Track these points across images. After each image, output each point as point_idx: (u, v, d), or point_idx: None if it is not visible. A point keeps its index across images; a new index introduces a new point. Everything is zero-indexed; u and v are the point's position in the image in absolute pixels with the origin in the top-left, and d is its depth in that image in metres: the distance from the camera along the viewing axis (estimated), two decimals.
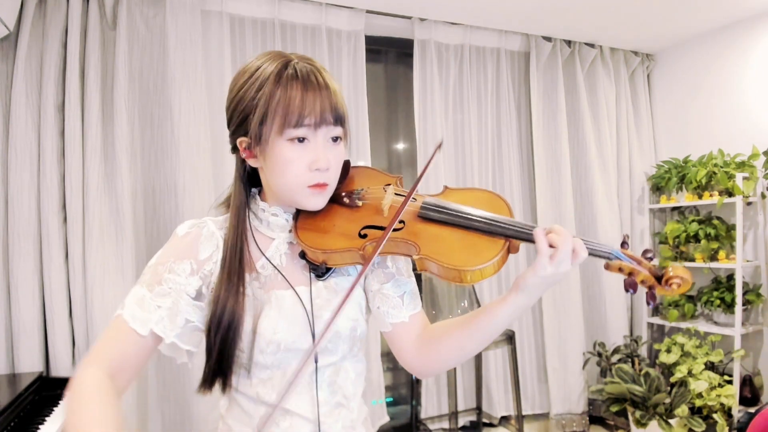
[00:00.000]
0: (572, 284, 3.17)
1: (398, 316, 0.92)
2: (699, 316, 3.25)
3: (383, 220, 0.87)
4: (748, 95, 3.07)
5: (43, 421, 1.65)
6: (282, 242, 0.91)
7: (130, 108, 2.26)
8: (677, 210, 3.39)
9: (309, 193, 0.85)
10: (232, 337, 0.82)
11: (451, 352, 0.89)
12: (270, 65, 0.83)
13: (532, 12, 2.87)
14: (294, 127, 0.81)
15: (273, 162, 0.83)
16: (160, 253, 0.85)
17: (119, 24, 2.22)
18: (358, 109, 2.79)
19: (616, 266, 0.81)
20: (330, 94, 0.83)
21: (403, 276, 0.95)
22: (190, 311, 0.82)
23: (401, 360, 0.96)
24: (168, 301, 0.80)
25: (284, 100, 0.80)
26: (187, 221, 0.89)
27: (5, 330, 2.04)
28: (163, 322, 0.79)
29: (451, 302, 2.78)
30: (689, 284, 0.78)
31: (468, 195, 0.91)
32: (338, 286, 0.91)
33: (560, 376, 3.15)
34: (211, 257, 0.86)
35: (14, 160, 2.05)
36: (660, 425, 2.69)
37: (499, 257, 0.79)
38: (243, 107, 0.83)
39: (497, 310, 0.84)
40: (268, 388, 0.85)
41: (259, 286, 0.87)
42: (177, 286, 0.81)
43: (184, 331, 0.82)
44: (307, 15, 2.65)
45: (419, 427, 2.93)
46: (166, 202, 2.33)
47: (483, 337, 0.86)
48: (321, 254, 0.85)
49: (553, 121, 3.22)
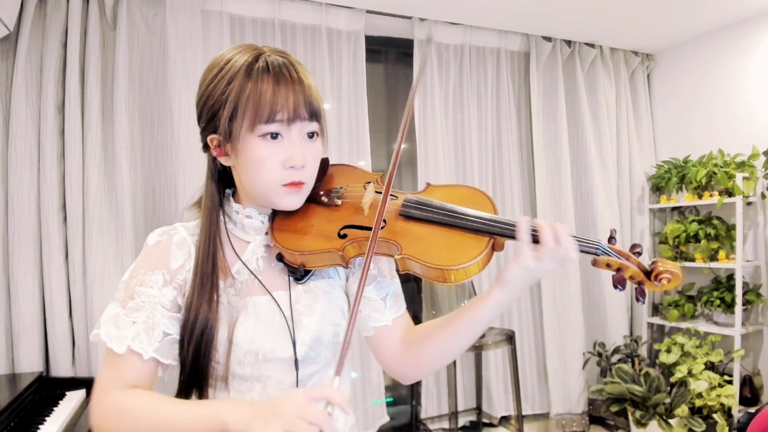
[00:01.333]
0: (572, 284, 3.17)
1: (381, 320, 0.89)
2: (699, 316, 3.25)
3: (363, 219, 0.83)
4: (748, 95, 3.07)
5: (43, 421, 1.65)
6: (258, 245, 0.86)
7: (130, 108, 2.26)
8: (677, 210, 3.39)
9: (284, 192, 0.81)
10: (206, 348, 0.77)
11: (434, 354, 0.87)
12: (240, 58, 0.79)
13: (532, 12, 2.87)
14: (266, 123, 0.76)
15: (245, 160, 0.79)
16: (132, 266, 0.82)
17: (119, 24, 2.22)
18: (358, 109, 2.79)
19: (603, 262, 0.79)
20: (304, 88, 0.79)
21: (386, 278, 0.92)
22: (167, 323, 0.78)
23: (384, 365, 0.93)
24: (142, 315, 0.76)
25: (255, 95, 0.76)
26: (157, 229, 0.85)
27: (5, 330, 2.04)
28: (140, 337, 0.75)
29: (452, 302, 2.77)
30: (679, 279, 0.76)
31: (450, 192, 0.88)
32: (318, 289, 0.87)
33: (560, 376, 3.15)
34: (183, 266, 0.81)
35: (14, 160, 2.05)
36: (660, 425, 2.69)
37: (483, 255, 0.77)
38: (212, 102, 0.79)
39: (480, 307, 0.81)
40: (248, 400, 0.80)
41: (235, 293, 0.82)
42: (150, 298, 0.77)
43: (163, 345, 0.77)
44: (307, 15, 2.66)
45: (419, 427, 2.93)
46: (166, 202, 2.33)
47: (467, 336, 0.84)
48: (299, 256, 0.82)
49: (553, 121, 3.22)
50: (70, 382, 2.01)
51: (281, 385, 0.82)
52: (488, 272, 3.07)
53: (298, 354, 0.82)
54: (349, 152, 2.75)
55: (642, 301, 0.79)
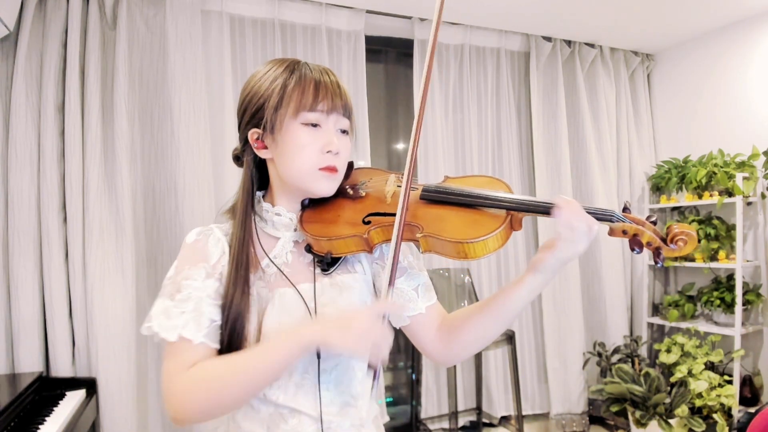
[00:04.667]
0: (572, 284, 3.17)
1: (415, 309, 0.94)
2: (699, 316, 3.25)
3: (386, 206, 0.90)
4: (748, 95, 3.07)
5: (43, 421, 1.65)
6: (287, 240, 0.93)
7: (130, 108, 2.26)
8: (677, 210, 3.39)
9: (320, 176, 0.88)
10: (238, 336, 0.84)
11: (473, 338, 0.92)
12: (281, 65, 0.90)
13: (532, 12, 2.87)
14: (309, 111, 0.86)
15: (286, 146, 0.87)
16: (174, 265, 0.88)
17: (119, 24, 2.22)
18: (358, 109, 2.79)
19: (619, 229, 0.81)
20: (340, 89, 0.90)
21: (415, 269, 0.97)
22: (213, 311, 0.84)
23: (424, 351, 0.98)
24: (190, 305, 0.82)
25: (299, 86, 0.86)
26: (194, 229, 0.92)
27: (5, 330, 2.04)
28: (189, 325, 0.81)
29: (452, 302, 2.78)
30: (695, 240, 0.78)
31: (468, 180, 0.93)
32: (344, 283, 0.92)
33: (560, 376, 3.15)
34: (220, 260, 0.88)
35: (14, 160, 2.05)
36: (660, 425, 2.69)
37: (501, 229, 0.80)
38: (257, 99, 0.88)
39: (514, 291, 0.86)
40: (274, 388, 0.85)
41: (264, 285, 0.88)
42: (196, 290, 0.84)
43: (211, 330, 0.83)
44: (307, 15, 2.66)
45: (419, 427, 2.93)
46: (166, 202, 2.33)
47: (503, 320, 0.89)
48: (326, 243, 0.87)
49: (553, 121, 3.23)
50: (70, 382, 2.01)
51: (306, 374, 0.87)
52: (488, 273, 3.07)
53: None
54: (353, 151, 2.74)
55: (661, 265, 0.81)
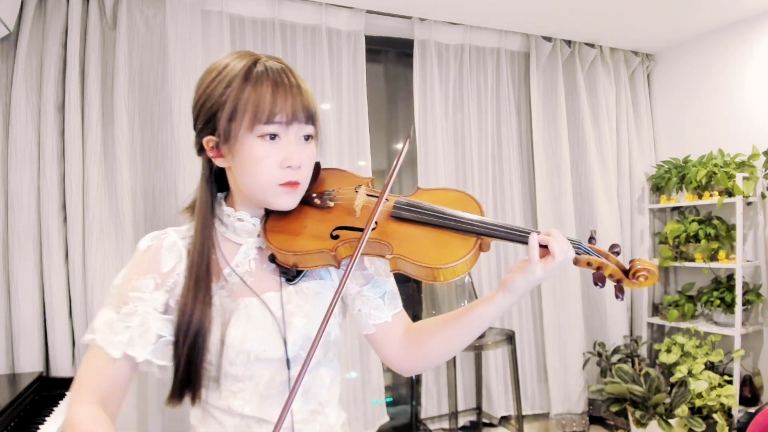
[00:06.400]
0: (572, 284, 3.17)
1: (381, 317, 0.92)
2: (699, 316, 3.25)
3: (355, 220, 0.85)
4: (748, 95, 3.07)
5: (43, 421, 1.65)
6: (250, 247, 0.88)
7: (130, 108, 2.26)
8: (677, 210, 3.39)
9: (280, 191, 0.83)
10: (200, 349, 0.79)
11: (437, 351, 0.91)
12: (238, 63, 0.81)
13: (532, 12, 2.87)
14: (265, 124, 0.79)
15: (242, 160, 0.80)
16: (123, 272, 0.83)
17: (119, 24, 2.22)
18: (358, 109, 2.79)
19: (584, 260, 0.83)
20: (301, 92, 0.81)
21: (382, 276, 0.95)
22: (161, 326, 0.80)
23: (386, 360, 0.96)
24: (136, 320, 0.78)
25: (254, 97, 0.78)
26: (148, 234, 0.87)
27: (5, 330, 2.04)
28: (134, 341, 0.77)
29: (451, 302, 2.77)
30: (655, 276, 0.80)
31: (440, 195, 0.91)
32: (309, 290, 0.89)
33: (560, 376, 3.15)
34: (174, 269, 0.83)
35: (14, 160, 2.05)
36: (660, 425, 2.69)
37: (470, 255, 0.80)
38: (210, 104, 0.81)
39: (484, 309, 0.86)
40: (239, 399, 0.82)
41: (227, 295, 0.84)
42: (143, 303, 0.79)
43: (158, 347, 0.80)
44: (307, 15, 2.65)
45: (419, 427, 2.93)
46: (166, 202, 2.33)
47: (470, 335, 0.88)
48: (291, 257, 0.83)
49: (553, 121, 3.22)
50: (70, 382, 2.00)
51: (273, 383, 0.83)
52: (488, 274, 3.08)
53: (289, 353, 0.84)
54: (349, 152, 2.75)
55: (621, 298, 0.84)
